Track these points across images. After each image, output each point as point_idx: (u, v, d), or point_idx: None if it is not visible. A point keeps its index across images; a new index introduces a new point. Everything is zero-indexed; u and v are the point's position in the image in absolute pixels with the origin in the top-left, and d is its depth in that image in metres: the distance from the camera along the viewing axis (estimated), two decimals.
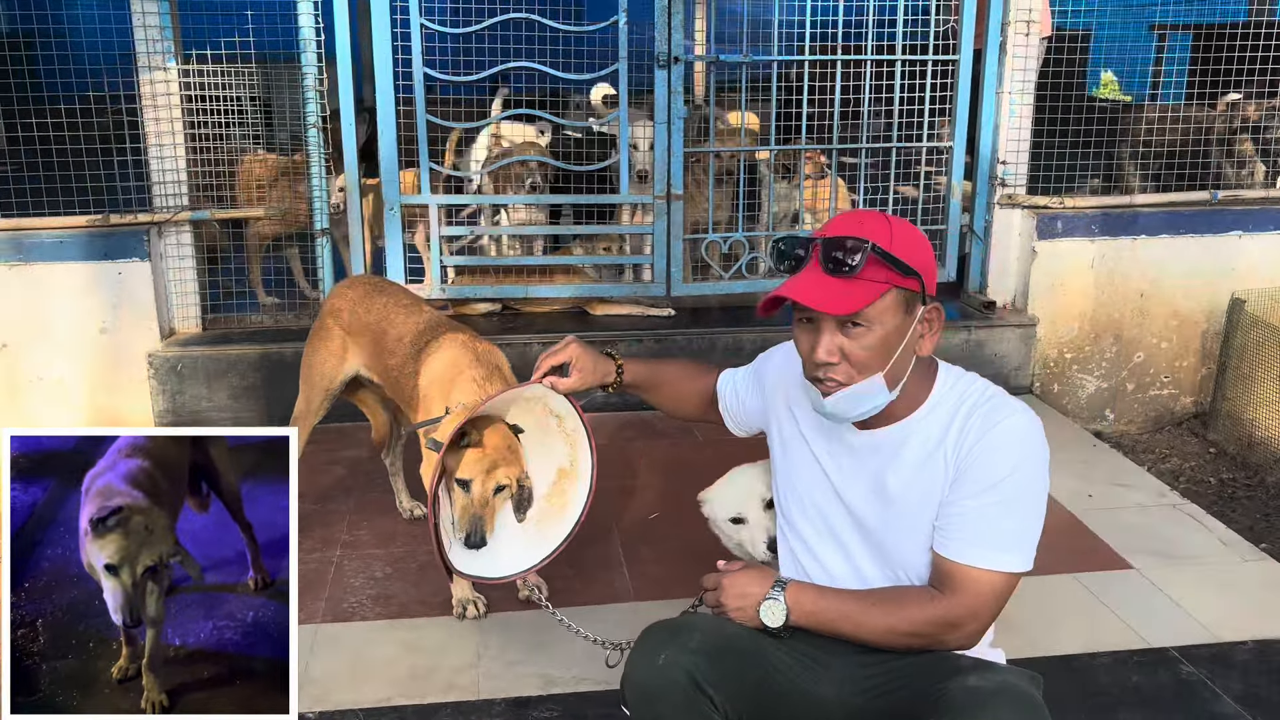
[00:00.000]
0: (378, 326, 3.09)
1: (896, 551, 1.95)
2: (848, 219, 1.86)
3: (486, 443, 2.29)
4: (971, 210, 4.61)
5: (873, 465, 1.94)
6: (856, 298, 1.76)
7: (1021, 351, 4.52)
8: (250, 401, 4.15)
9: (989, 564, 1.83)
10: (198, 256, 4.21)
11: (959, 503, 1.85)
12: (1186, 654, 2.66)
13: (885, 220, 1.83)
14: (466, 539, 2.24)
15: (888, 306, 1.79)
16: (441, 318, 3.07)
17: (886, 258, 1.76)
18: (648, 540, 3.28)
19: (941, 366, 1.96)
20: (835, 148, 4.52)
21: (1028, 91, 4.44)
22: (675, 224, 4.37)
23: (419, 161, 4.22)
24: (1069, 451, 3.97)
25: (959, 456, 1.86)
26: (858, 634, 1.89)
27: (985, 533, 1.84)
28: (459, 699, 2.50)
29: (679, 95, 4.23)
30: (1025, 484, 1.84)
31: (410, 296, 3.20)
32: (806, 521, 2.06)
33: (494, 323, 4.47)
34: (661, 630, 1.90)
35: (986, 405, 1.88)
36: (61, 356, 4.06)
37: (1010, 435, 1.85)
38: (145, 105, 4.00)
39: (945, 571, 1.87)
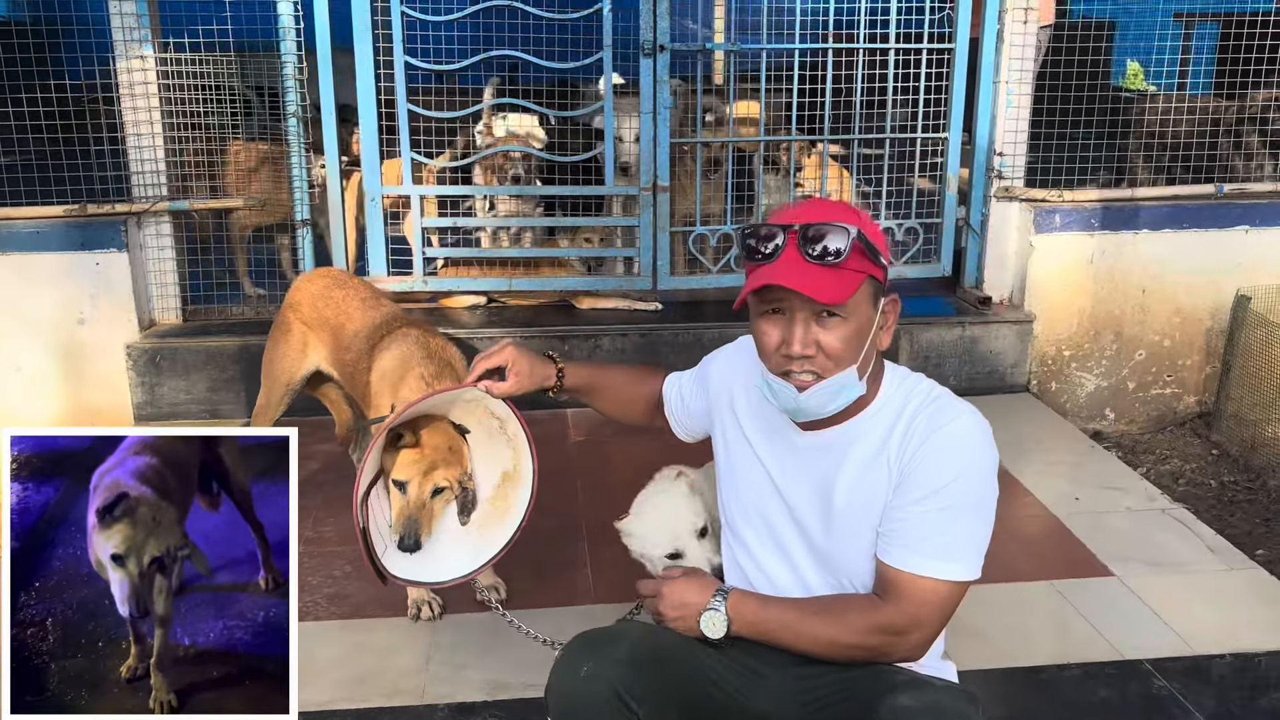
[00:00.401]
0: (336, 321, 3.04)
1: (841, 558, 1.87)
2: (815, 206, 1.79)
3: (425, 443, 2.22)
4: (968, 203, 4.50)
5: (818, 468, 1.87)
6: (842, 287, 1.68)
7: (1018, 349, 4.41)
8: (229, 394, 4.11)
9: (932, 572, 1.76)
10: (177, 247, 4.17)
11: (902, 508, 1.78)
12: (1160, 667, 2.56)
13: (850, 208, 1.77)
14: (400, 542, 2.17)
15: (863, 297, 1.72)
16: (399, 312, 3.01)
17: (867, 246, 1.70)
18: (614, 541, 3.18)
19: (888, 366, 1.88)
20: (826, 139, 4.41)
21: (1026, 81, 4.32)
22: (662, 216, 4.28)
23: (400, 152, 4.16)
24: (1060, 453, 3.86)
25: (903, 460, 1.78)
26: (800, 644, 1.82)
27: (929, 540, 1.76)
28: (402, 703, 2.44)
29: (665, 84, 4.14)
30: (971, 490, 1.77)
31: (371, 291, 3.14)
32: (750, 527, 1.98)
33: (478, 316, 4.41)
34: (586, 640, 1.83)
35: (931, 407, 1.80)
36: (39, 348, 4.03)
37: (956, 439, 1.77)
38: (123, 94, 3.97)
39: (888, 579, 1.79)
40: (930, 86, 4.34)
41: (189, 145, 4.15)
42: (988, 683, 2.47)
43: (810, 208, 1.79)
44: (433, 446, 2.22)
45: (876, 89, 4.34)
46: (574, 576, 3.00)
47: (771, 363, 1.78)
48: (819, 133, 4.40)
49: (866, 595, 1.83)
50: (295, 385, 3.16)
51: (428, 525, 2.22)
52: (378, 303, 3.04)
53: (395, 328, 2.82)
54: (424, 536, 2.20)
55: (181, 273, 4.21)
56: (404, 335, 2.76)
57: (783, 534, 1.93)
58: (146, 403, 4.08)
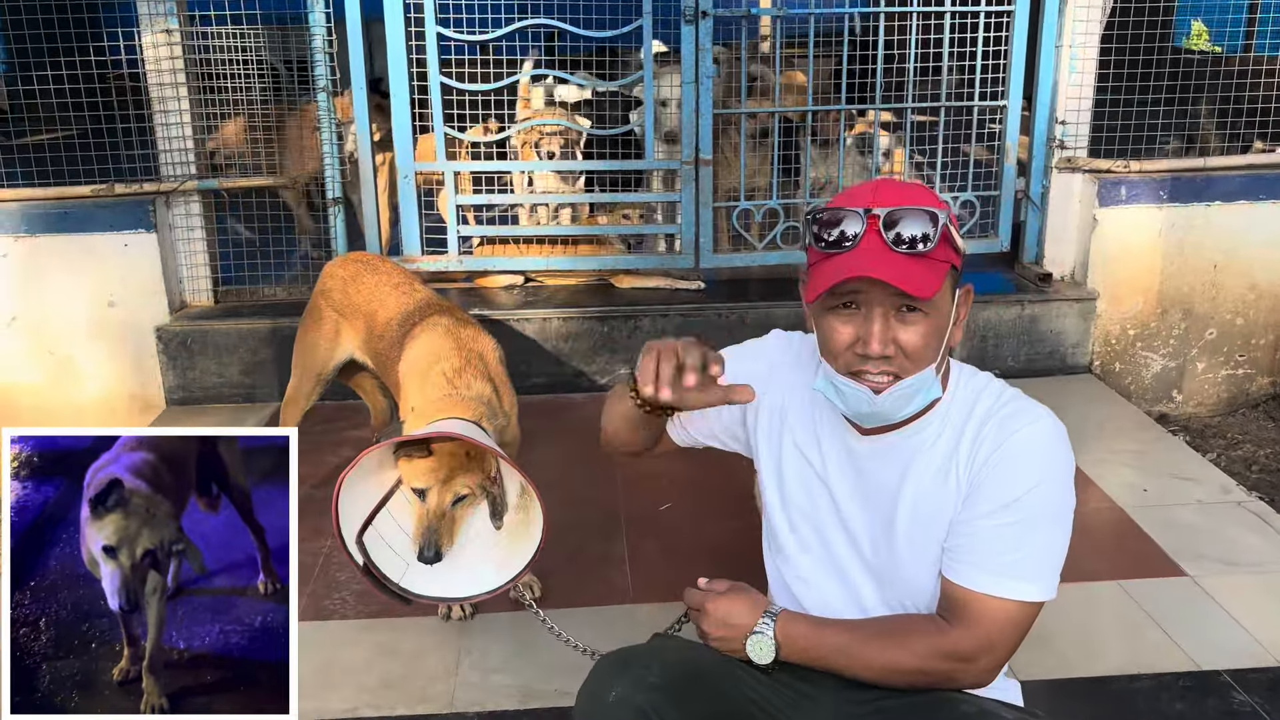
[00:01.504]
0: (369, 308, 2.91)
1: (901, 576, 1.71)
2: (891, 188, 1.58)
3: (438, 449, 2.07)
4: (1027, 175, 4.27)
5: (878, 476, 1.70)
6: (931, 278, 1.51)
7: (1080, 328, 4.19)
8: (261, 377, 4.03)
9: (1004, 592, 1.59)
10: (207, 228, 4.07)
11: (972, 522, 1.61)
12: (1240, 679, 2.37)
13: (927, 189, 1.61)
14: (419, 553, 2.03)
15: (945, 289, 1.56)
16: (433, 298, 2.87)
17: (951, 233, 1.54)
18: (656, 534, 3.08)
19: (952, 364, 1.71)
20: (877, 107, 4.20)
21: (1090, 45, 4.07)
22: (704, 190, 4.10)
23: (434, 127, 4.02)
24: (1124, 438, 3.65)
25: (972, 469, 1.62)
26: (856, 670, 1.67)
27: (1001, 557, 1.59)
28: (429, 711, 2.33)
29: (707, 52, 3.96)
30: (1047, 501, 1.60)
31: (404, 275, 3.01)
32: (799, 542, 1.82)
33: (515, 296, 4.27)
34: (615, 661, 1.69)
35: (1004, 410, 1.63)
36: (71, 331, 3.97)
37: (1031, 446, 1.60)
38: (149, 70, 3.86)
39: (955, 599, 1.63)
40: (989, 51, 4.10)
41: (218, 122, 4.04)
42: (1052, 696, 2.31)
43: (885, 189, 1.58)
44: (448, 453, 2.07)
45: (931, 54, 4.11)
46: (612, 573, 2.87)
47: (840, 362, 1.59)
48: (870, 102, 4.19)
49: (930, 617, 1.67)
50: (328, 375, 3.05)
51: (449, 535, 2.08)
52: (411, 288, 2.91)
53: (426, 316, 2.68)
54: (445, 547, 2.06)
55: (212, 253, 4.12)
56: (433, 325, 2.62)
57: (836, 549, 1.77)
58: (178, 386, 4.01)
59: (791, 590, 1.84)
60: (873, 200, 1.55)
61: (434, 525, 2.04)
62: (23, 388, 3.99)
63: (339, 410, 3.94)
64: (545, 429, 3.75)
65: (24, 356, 3.96)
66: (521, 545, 2.07)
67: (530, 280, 4.37)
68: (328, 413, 3.94)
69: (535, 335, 4.04)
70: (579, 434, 3.70)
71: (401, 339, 2.70)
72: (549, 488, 3.22)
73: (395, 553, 2.04)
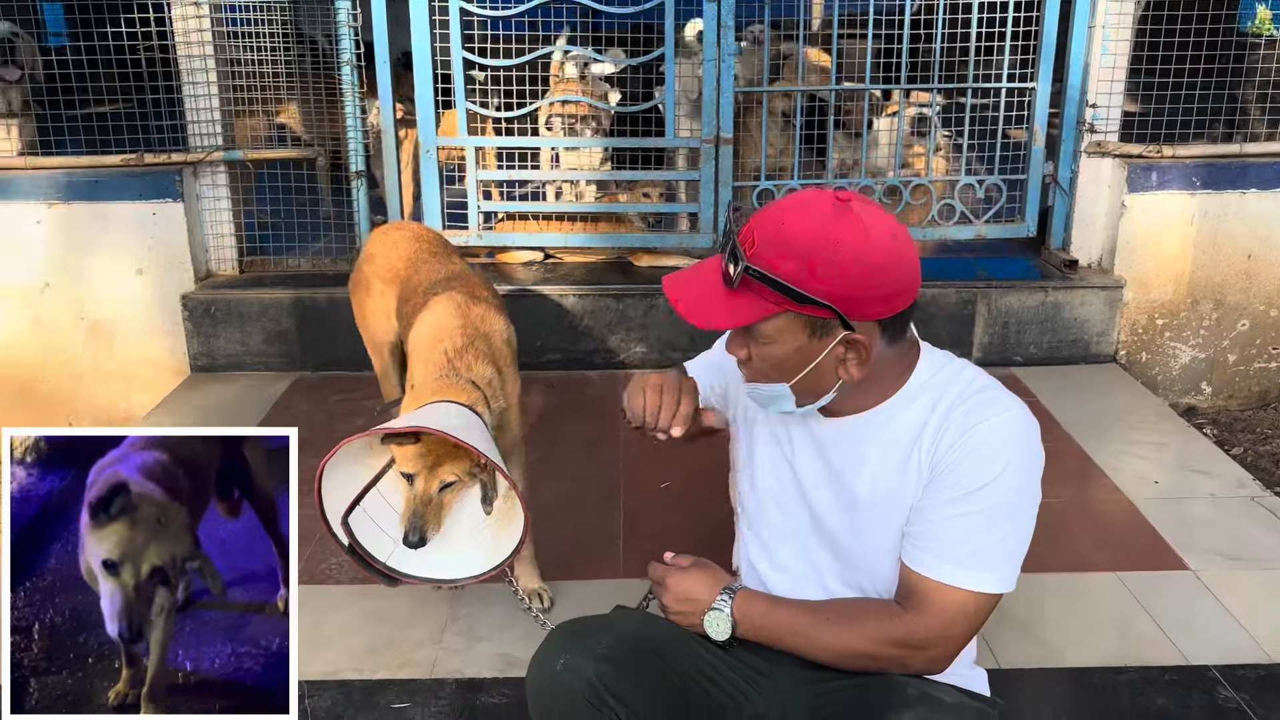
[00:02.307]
0: (405, 275, 2.91)
1: (862, 559, 1.71)
2: (781, 212, 1.53)
3: (425, 437, 2.06)
4: (1056, 159, 4.19)
5: (838, 458, 1.70)
6: (736, 313, 1.53)
7: (1105, 316, 4.10)
8: (282, 346, 4.10)
9: (961, 582, 1.59)
10: (233, 198, 4.14)
11: (932, 509, 1.60)
12: (1229, 675, 2.32)
13: (825, 225, 1.49)
14: (405, 537, 2.05)
15: (782, 327, 1.53)
16: (464, 271, 2.84)
17: (772, 284, 1.48)
18: (653, 511, 3.09)
19: (925, 351, 1.69)
20: (903, 88, 4.14)
21: (1124, 26, 3.97)
22: (724, 170, 4.08)
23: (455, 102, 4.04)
24: (1144, 430, 3.57)
25: (935, 455, 1.61)
26: (810, 652, 1.68)
27: (959, 547, 1.59)
28: (410, 676, 2.37)
29: (729, 30, 3.93)
30: (1009, 493, 1.58)
31: (443, 246, 3.01)
32: (765, 521, 1.83)
33: (534, 272, 4.29)
34: (566, 631, 1.71)
35: (973, 399, 1.61)
36: (101, 297, 4.06)
37: (996, 436, 1.58)
38: (178, 42, 3.93)
39: (911, 586, 1.63)
40: (1019, 32, 4.02)
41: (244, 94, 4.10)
42: (1030, 684, 2.29)
43: (772, 214, 1.53)
44: (437, 439, 2.05)
45: (959, 35, 4.04)
46: (605, 548, 2.88)
47: None
48: (897, 82, 4.14)
49: (885, 602, 1.67)
50: (394, 341, 3.05)
51: (435, 521, 2.09)
52: (446, 259, 2.89)
53: (443, 289, 2.64)
54: (431, 533, 2.07)
55: (238, 223, 4.19)
56: (445, 300, 2.57)
57: (800, 529, 1.78)
58: (203, 353, 4.09)
59: (757, 569, 1.85)
60: (753, 224, 1.53)
61: (420, 511, 2.05)
62: (55, 352, 4.10)
63: (357, 381, 4.00)
64: (557, 405, 3.77)
65: (56, 321, 4.07)
66: (510, 529, 2.09)
67: (550, 256, 4.39)
68: (346, 383, 4.02)
69: (552, 311, 4.05)
70: (589, 411, 3.73)
71: (417, 310, 2.70)
72: (553, 463, 3.31)
73: (384, 531, 2.07)
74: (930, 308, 4.06)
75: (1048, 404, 3.75)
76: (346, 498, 2.09)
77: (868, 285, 1.49)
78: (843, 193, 1.51)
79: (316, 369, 4.12)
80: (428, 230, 3.19)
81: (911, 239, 1.56)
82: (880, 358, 1.59)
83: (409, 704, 2.28)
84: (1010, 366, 4.10)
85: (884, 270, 1.49)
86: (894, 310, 1.54)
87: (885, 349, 1.58)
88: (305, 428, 3.59)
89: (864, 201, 1.53)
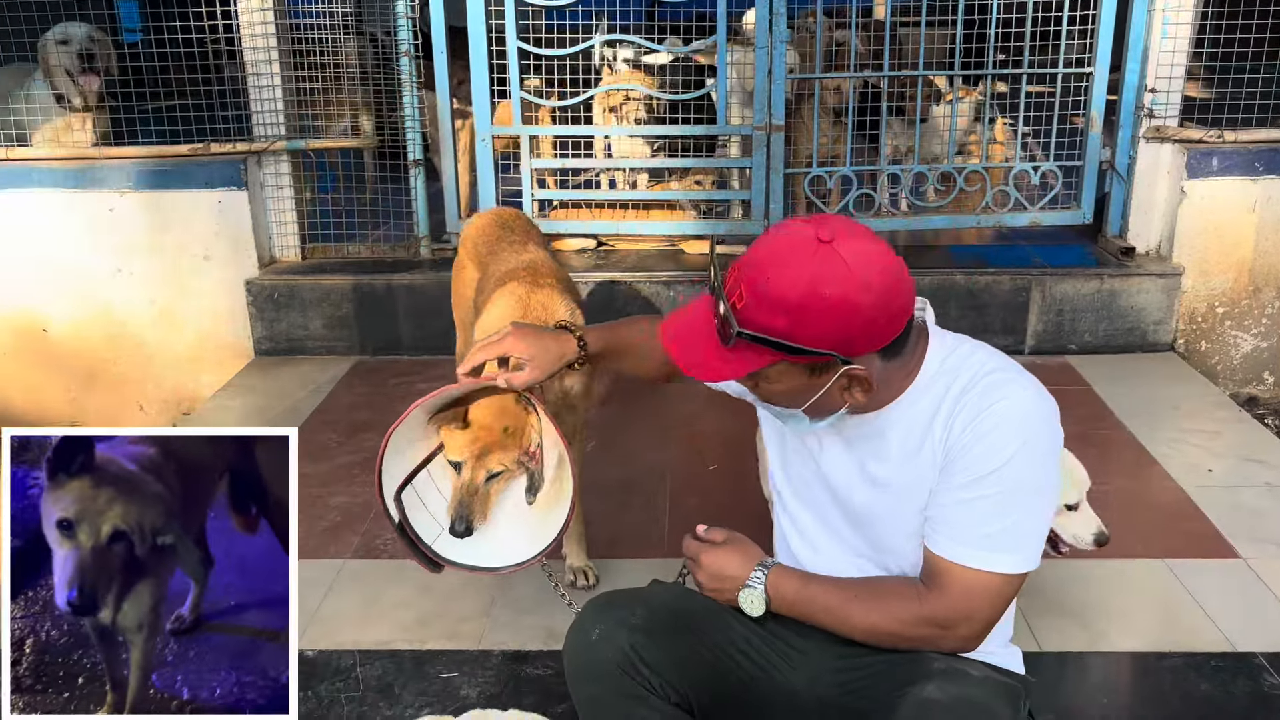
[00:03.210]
0: (487, 259, 2.92)
1: (887, 542, 1.73)
2: (765, 264, 1.49)
3: (474, 422, 2.07)
4: (1113, 145, 4.13)
5: (859, 450, 1.72)
6: (734, 366, 1.54)
7: (1163, 304, 4.05)
8: (343, 331, 4.21)
9: (981, 564, 1.59)
10: (296, 186, 4.26)
11: (949, 493, 1.61)
12: (1276, 662, 2.30)
13: (811, 274, 1.46)
14: (451, 526, 2.07)
15: (782, 371, 1.55)
16: (539, 260, 2.78)
17: (766, 342, 1.49)
18: (699, 492, 3.13)
19: (934, 338, 1.67)
20: (957, 74, 4.12)
21: (1185, 9, 3.90)
22: (775, 157, 4.10)
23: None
24: (1200, 419, 3.52)
25: (948, 440, 1.61)
26: (841, 630, 1.70)
27: (977, 529, 1.59)
28: (458, 647, 2.44)
29: (781, 17, 3.94)
30: (1025, 474, 1.58)
31: (526, 234, 2.98)
32: (799, 502, 1.86)
33: (587, 259, 4.35)
34: (601, 602, 1.76)
35: (984, 382, 1.61)
36: (170, 282, 4.21)
37: (1006, 418, 1.58)
38: (243, 34, 4.05)
39: (933, 568, 1.64)
40: (1075, 16, 3.97)
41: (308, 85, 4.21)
42: (1071, 668, 2.29)
43: (760, 269, 1.50)
44: (484, 427, 2.06)
45: (1014, 19, 4.01)
46: (650, 527, 2.93)
47: None
48: (950, 69, 4.12)
49: (912, 583, 1.69)
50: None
51: (482, 510, 2.10)
52: (524, 247, 2.87)
53: (509, 280, 2.61)
54: (478, 522, 2.08)
55: (300, 210, 4.30)
56: (508, 292, 2.55)
57: (829, 513, 1.80)
58: (266, 337, 4.22)
59: (790, 545, 1.88)
60: (742, 268, 1.51)
61: (467, 500, 2.07)
62: (127, 335, 4.25)
63: (415, 364, 4.10)
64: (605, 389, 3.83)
65: (128, 305, 4.22)
66: (554, 515, 2.12)
67: (603, 244, 4.44)
68: (404, 367, 4.12)
69: (603, 297, 4.11)
70: (637, 395, 3.78)
71: (486, 302, 2.68)
72: (602, 445, 3.35)
73: (431, 515, 2.11)
74: (984, 295, 4.04)
75: (1102, 392, 3.71)
76: (397, 477, 2.13)
77: (860, 327, 1.49)
78: (824, 229, 1.48)
79: (375, 353, 4.22)
80: (514, 215, 3.16)
81: (901, 266, 1.52)
82: (884, 371, 1.59)
83: (456, 674, 2.35)
84: (1065, 355, 4.06)
85: (874, 310, 1.48)
86: (889, 339, 1.54)
87: (888, 364, 1.59)
88: (365, 410, 3.75)
89: (847, 234, 1.49)
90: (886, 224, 4.22)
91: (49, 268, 4.16)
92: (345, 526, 2.96)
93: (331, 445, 3.47)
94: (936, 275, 4.05)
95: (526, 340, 1.96)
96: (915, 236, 4.50)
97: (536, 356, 1.96)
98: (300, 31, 4.14)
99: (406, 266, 4.25)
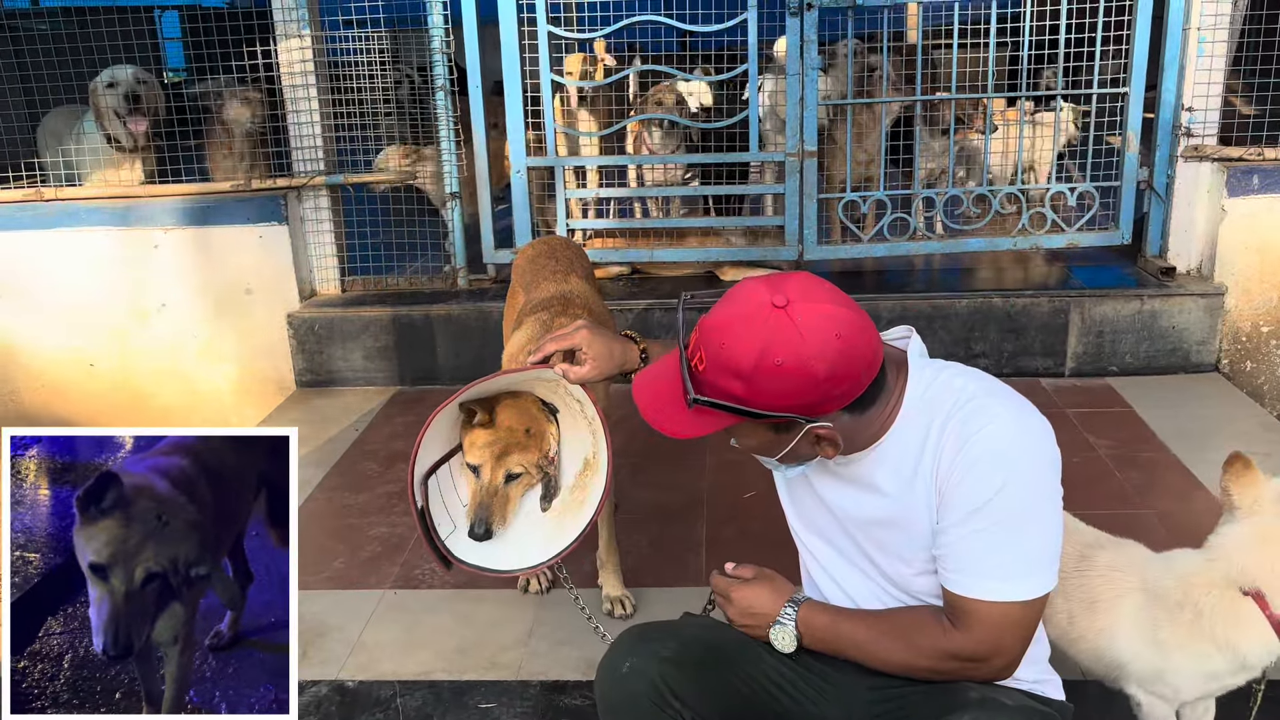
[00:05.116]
0: (532, 286, 2.92)
1: (899, 577, 1.72)
2: (721, 329, 1.50)
3: (500, 422, 2.09)
4: (1151, 164, 4.10)
5: (853, 490, 1.71)
6: (699, 424, 1.58)
7: (1205, 324, 4.00)
8: (383, 362, 4.26)
9: (997, 595, 1.57)
10: (335, 220, 4.32)
11: (949, 530, 1.59)
12: None
13: (764, 341, 1.46)
14: (471, 529, 2.08)
15: (747, 430, 1.58)
16: (571, 291, 2.80)
17: (722, 407, 1.52)
18: (736, 520, 3.12)
19: (913, 372, 1.64)
20: (990, 96, 4.11)
21: (1221, 27, 3.88)
22: (809, 183, 4.11)
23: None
24: (1246, 441, 3.45)
25: (938, 477, 1.59)
26: (873, 664, 1.70)
27: (986, 562, 1.57)
28: (497, 678, 2.45)
29: (812, 44, 3.96)
30: (1017, 501, 1.55)
31: (571, 263, 2.98)
32: (808, 530, 1.86)
33: (621, 287, 4.37)
34: (635, 634, 1.76)
35: (962, 412, 1.58)
36: (212, 316, 4.28)
37: (989, 447, 1.55)
38: (283, 73, 4.13)
39: (955, 607, 1.62)
40: (1109, 36, 3.96)
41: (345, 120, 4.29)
42: (1116, 695, 2.25)
43: (716, 335, 1.50)
44: (507, 428, 2.09)
45: (1047, 40, 4.00)
46: (689, 556, 2.93)
47: None
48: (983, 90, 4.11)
49: (938, 617, 1.66)
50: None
51: (501, 514, 2.11)
52: (566, 278, 2.87)
53: (540, 310, 2.64)
54: (497, 526, 2.09)
55: (340, 244, 4.37)
56: (535, 320, 2.58)
57: (841, 542, 1.79)
58: (307, 369, 4.28)
59: (814, 580, 1.87)
60: (705, 331, 1.52)
61: (487, 503, 2.08)
62: (170, 369, 4.33)
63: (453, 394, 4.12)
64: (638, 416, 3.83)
65: (172, 340, 4.30)
66: (572, 522, 2.14)
67: (637, 271, 4.46)
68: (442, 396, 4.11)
69: (637, 325, 4.13)
70: None
71: (517, 326, 2.70)
72: (640, 472, 3.36)
73: (447, 512, 2.12)
74: (1021, 317, 4.01)
75: (1144, 414, 3.67)
76: (427, 462, 2.12)
77: (817, 393, 1.49)
78: (779, 294, 1.47)
79: (414, 383, 4.27)
80: (563, 243, 3.17)
81: (864, 325, 1.51)
82: (854, 424, 1.59)
83: (495, 704, 2.36)
84: (1105, 376, 4.02)
85: (831, 374, 1.47)
86: (853, 398, 1.53)
87: (860, 416, 1.58)
88: (404, 440, 3.78)
89: (802, 297, 1.48)
90: (922, 247, 4.21)
91: (95, 304, 4.26)
92: (384, 557, 2.99)
93: (372, 475, 3.50)
94: (975, 298, 4.03)
95: (595, 338, 1.99)
96: (951, 259, 4.48)
97: (600, 357, 1.98)
98: (339, 69, 4.21)
99: (444, 297, 4.30)
